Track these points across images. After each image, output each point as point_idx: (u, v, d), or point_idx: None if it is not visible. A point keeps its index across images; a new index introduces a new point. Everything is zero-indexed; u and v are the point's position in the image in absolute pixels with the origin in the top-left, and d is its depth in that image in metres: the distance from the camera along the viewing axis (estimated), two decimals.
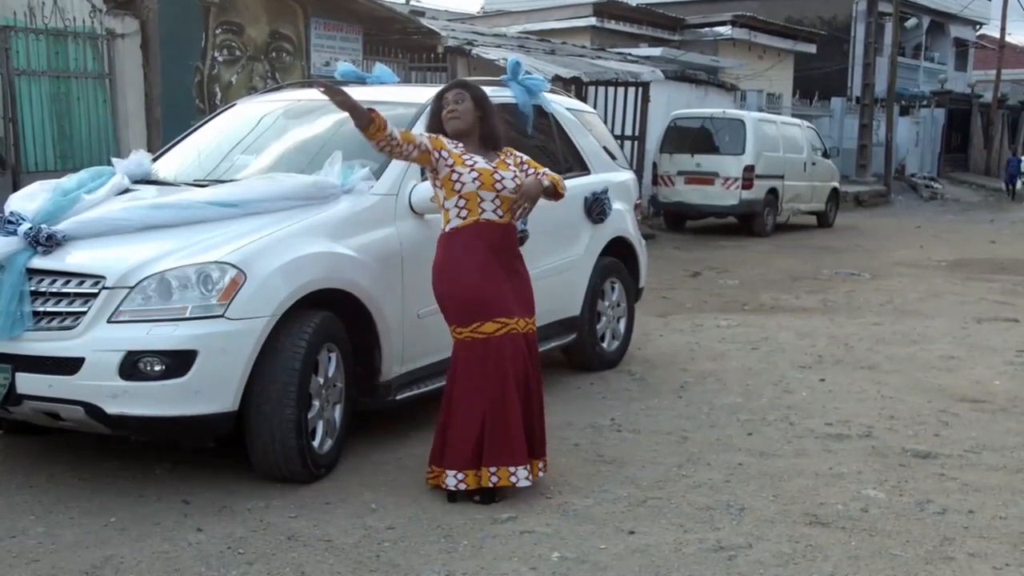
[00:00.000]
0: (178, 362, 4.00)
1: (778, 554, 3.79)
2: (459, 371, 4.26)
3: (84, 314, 4.06)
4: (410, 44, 14.17)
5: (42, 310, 4.12)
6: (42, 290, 4.15)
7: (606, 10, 22.56)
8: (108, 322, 4.04)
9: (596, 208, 6.30)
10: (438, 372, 4.73)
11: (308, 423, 4.37)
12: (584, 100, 12.95)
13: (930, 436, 5.34)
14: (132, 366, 3.99)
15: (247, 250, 4.22)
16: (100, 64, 10.11)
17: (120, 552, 3.72)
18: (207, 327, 4.04)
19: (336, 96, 4.15)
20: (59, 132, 9.73)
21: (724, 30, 24.61)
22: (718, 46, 24.43)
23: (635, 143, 16.05)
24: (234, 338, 4.08)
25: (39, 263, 4.19)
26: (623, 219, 6.75)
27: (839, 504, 4.31)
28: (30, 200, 4.57)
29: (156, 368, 3.99)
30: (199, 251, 4.20)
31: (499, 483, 4.19)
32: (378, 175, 4.90)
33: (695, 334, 8.03)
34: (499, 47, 15.85)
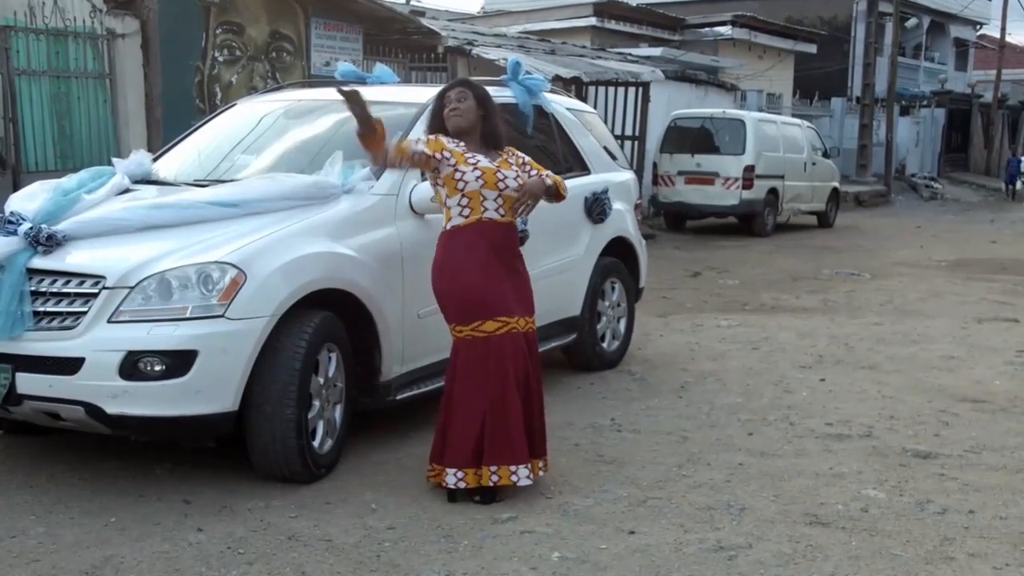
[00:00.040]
0: (178, 362, 4.00)
1: (778, 554, 3.79)
2: (459, 369, 4.25)
3: (84, 314, 4.06)
4: (410, 44, 14.17)
5: (42, 310, 4.12)
6: (42, 290, 4.15)
7: (606, 10, 22.57)
8: (108, 322, 4.04)
9: (596, 208, 6.30)
10: (438, 372, 4.73)
11: (308, 423, 4.37)
12: (584, 100, 12.95)
13: (930, 436, 5.34)
14: (132, 366, 3.99)
15: (247, 250, 4.23)
16: (100, 64, 10.11)
17: (120, 552, 3.72)
18: (207, 327, 4.04)
19: (353, 101, 4.11)
20: (59, 132, 9.72)
21: (724, 30, 24.62)
22: (718, 46, 24.43)
23: (635, 143, 16.05)
24: (234, 338, 4.08)
25: (39, 263, 4.19)
26: (623, 219, 6.75)
27: (839, 504, 4.31)
28: (30, 200, 4.57)
29: (156, 368, 3.99)
30: (199, 251, 4.19)
31: (500, 482, 4.18)
32: (378, 175, 4.89)
33: (695, 334, 8.03)
34: (499, 47, 15.86)
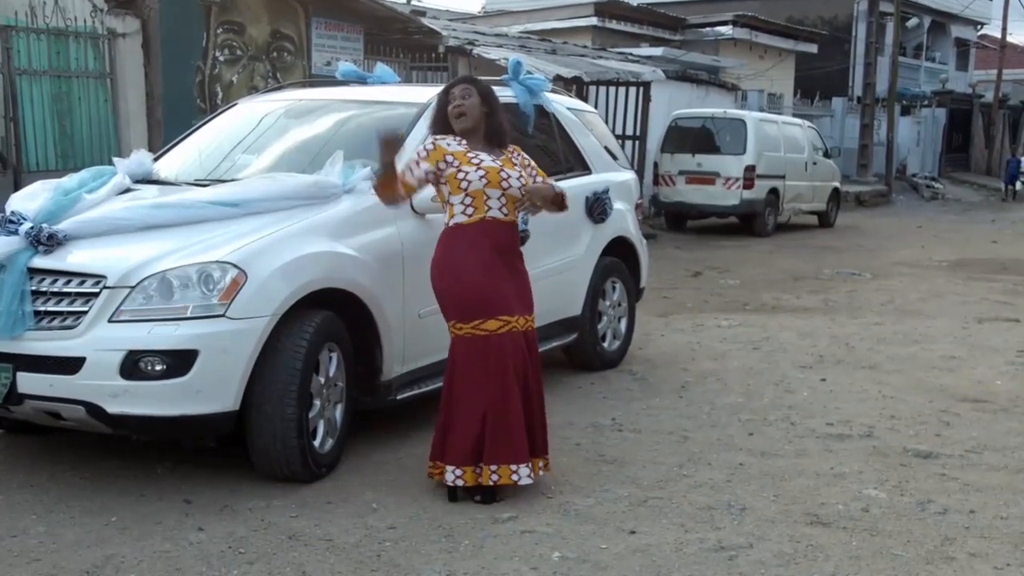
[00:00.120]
0: (179, 362, 4.00)
1: (779, 554, 3.79)
2: (459, 368, 4.25)
3: (85, 314, 4.06)
4: (411, 44, 14.17)
5: (43, 309, 4.12)
6: (43, 289, 4.15)
7: (607, 10, 22.58)
8: (109, 321, 4.04)
9: (597, 208, 6.30)
10: (439, 372, 4.72)
11: (309, 423, 4.37)
12: (585, 100, 12.95)
13: (931, 436, 5.34)
14: (133, 365, 3.99)
15: (248, 250, 4.22)
16: (101, 64, 10.11)
17: (121, 551, 3.72)
18: (208, 327, 4.04)
19: (389, 149, 4.13)
20: (60, 132, 9.73)
21: (725, 30, 24.62)
22: (719, 46, 24.44)
23: (636, 143, 16.06)
24: (235, 338, 4.08)
25: (40, 262, 4.18)
26: (624, 219, 6.74)
27: (840, 504, 4.31)
28: (31, 199, 4.57)
29: (157, 368, 3.99)
30: (200, 251, 4.19)
31: (500, 481, 4.18)
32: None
33: (696, 334, 8.03)
34: (500, 47, 15.86)
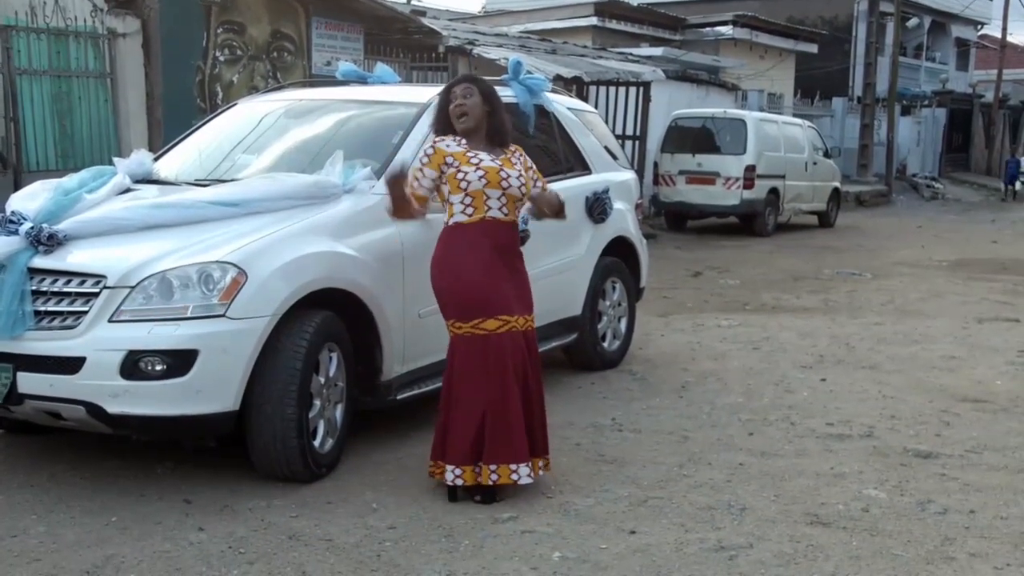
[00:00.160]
0: (179, 362, 4.00)
1: (779, 554, 3.79)
2: (458, 367, 4.25)
3: (85, 313, 4.06)
4: (411, 44, 14.17)
5: (43, 309, 4.12)
6: (43, 289, 4.14)
7: (607, 10, 22.58)
8: (109, 321, 4.04)
9: (597, 208, 6.30)
10: (439, 372, 4.71)
11: (309, 423, 4.37)
12: (585, 100, 12.95)
13: (931, 436, 5.34)
14: (133, 365, 3.99)
15: (248, 250, 4.22)
16: (101, 63, 10.11)
17: (121, 551, 3.72)
18: (208, 327, 4.04)
19: (395, 185, 4.24)
20: (60, 131, 9.73)
21: (725, 30, 24.63)
22: (719, 46, 24.44)
23: (636, 143, 16.06)
24: (235, 338, 4.08)
25: (40, 262, 4.18)
26: (624, 219, 6.74)
27: (840, 504, 4.31)
28: (31, 199, 4.56)
29: (157, 368, 3.99)
30: (200, 251, 4.19)
31: (499, 481, 4.18)
32: (379, 175, 4.88)
33: (696, 334, 8.03)
34: (500, 47, 15.86)
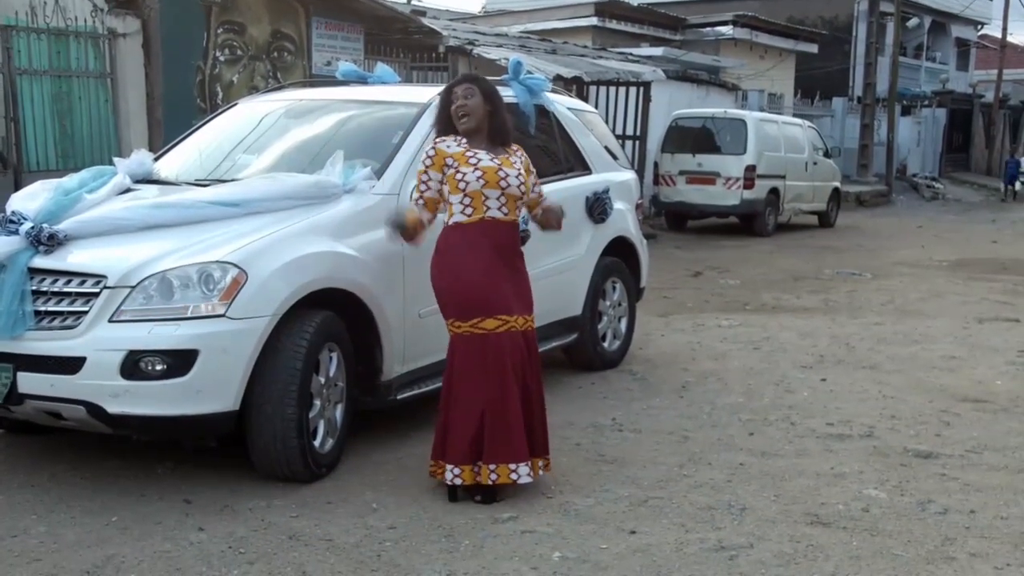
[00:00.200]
0: (179, 362, 4.00)
1: (779, 554, 3.79)
2: (457, 366, 4.26)
3: (85, 313, 4.06)
4: (411, 44, 14.17)
5: (44, 309, 4.12)
6: (43, 289, 4.15)
7: (607, 10, 22.59)
8: (109, 321, 4.04)
9: (597, 208, 6.30)
10: (439, 372, 4.72)
11: (309, 423, 4.37)
12: (585, 100, 12.95)
13: (931, 436, 5.34)
14: (133, 365, 3.99)
15: (248, 250, 4.22)
16: (102, 63, 10.11)
17: (122, 551, 3.72)
18: (208, 327, 4.04)
19: (400, 228, 4.31)
20: (61, 131, 9.72)
21: (726, 30, 24.63)
22: (719, 46, 24.44)
23: (636, 143, 16.06)
24: (235, 337, 4.08)
25: (41, 262, 4.18)
26: (624, 219, 6.74)
27: (840, 504, 4.31)
28: (32, 199, 4.56)
29: (157, 367, 3.99)
30: (200, 250, 4.19)
31: (499, 480, 4.18)
32: (379, 175, 4.89)
33: (696, 334, 8.03)
34: (500, 47, 15.87)
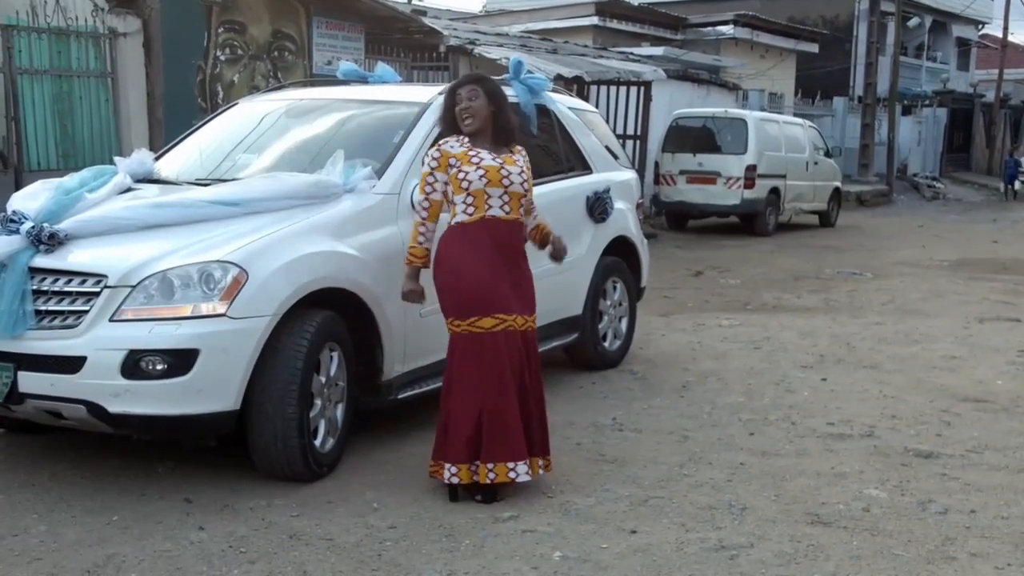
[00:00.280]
0: (180, 361, 4.00)
1: (780, 554, 3.79)
2: (455, 366, 4.26)
3: (86, 313, 4.06)
4: (412, 43, 14.18)
5: (44, 309, 4.12)
6: (44, 289, 4.15)
7: (608, 9, 22.60)
8: (110, 321, 4.04)
9: (598, 207, 6.30)
10: (440, 371, 4.72)
11: (310, 422, 4.37)
12: (586, 99, 12.94)
13: (932, 436, 5.34)
14: (134, 365, 3.99)
15: (249, 249, 4.23)
16: (102, 63, 10.12)
17: (122, 551, 3.72)
18: (209, 326, 4.04)
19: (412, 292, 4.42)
20: (61, 131, 9.73)
21: (726, 29, 24.64)
22: (720, 45, 24.45)
23: (637, 142, 16.05)
24: (236, 337, 4.08)
25: (41, 262, 4.18)
26: (625, 218, 6.74)
27: (841, 504, 4.31)
28: (32, 199, 4.56)
29: (158, 367, 3.99)
30: (201, 250, 4.20)
31: (497, 479, 4.18)
32: (380, 174, 4.89)
33: (697, 333, 8.03)
34: (501, 46, 15.87)
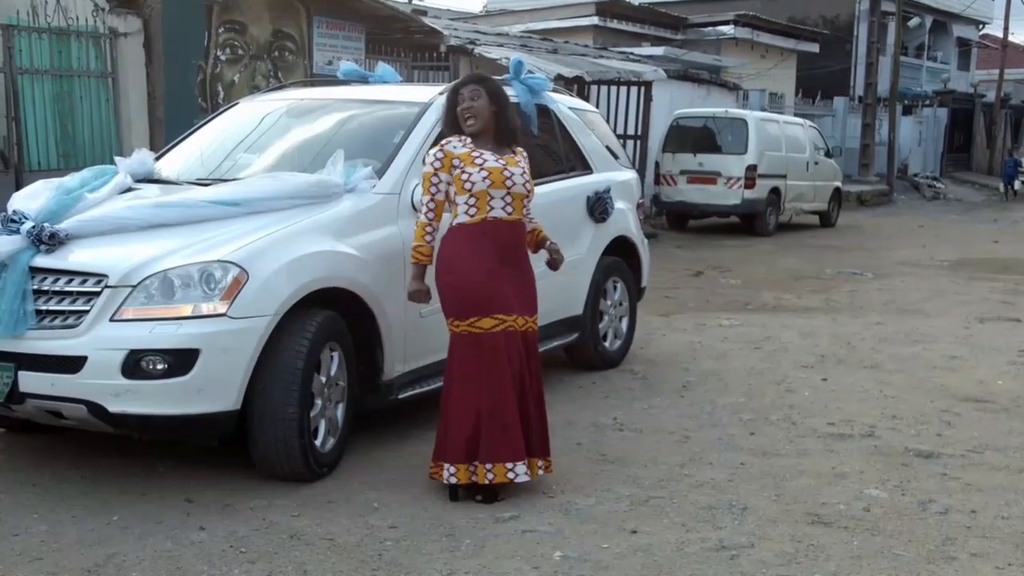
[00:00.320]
0: (180, 361, 4.00)
1: (780, 553, 3.79)
2: (455, 365, 4.27)
3: (87, 313, 4.06)
4: (412, 43, 14.18)
5: (45, 308, 4.12)
6: (45, 288, 4.15)
7: (609, 9, 22.60)
8: (111, 321, 4.04)
9: (599, 207, 6.30)
10: (440, 371, 4.72)
11: (310, 422, 4.37)
12: (587, 99, 12.94)
13: (933, 436, 5.34)
14: (135, 365, 3.99)
15: (250, 249, 4.23)
16: (103, 63, 10.12)
17: (123, 550, 3.72)
18: (209, 326, 4.04)
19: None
20: (62, 131, 9.73)
21: (727, 29, 24.64)
22: (721, 45, 24.45)
23: (638, 142, 16.04)
24: (237, 337, 4.08)
25: (42, 262, 4.18)
26: (625, 218, 6.74)
27: (841, 504, 4.31)
28: (33, 199, 4.56)
29: (159, 367, 3.99)
30: (202, 250, 4.20)
31: (495, 480, 4.18)
32: (380, 174, 4.89)
33: (697, 333, 8.03)
34: (501, 46, 15.88)
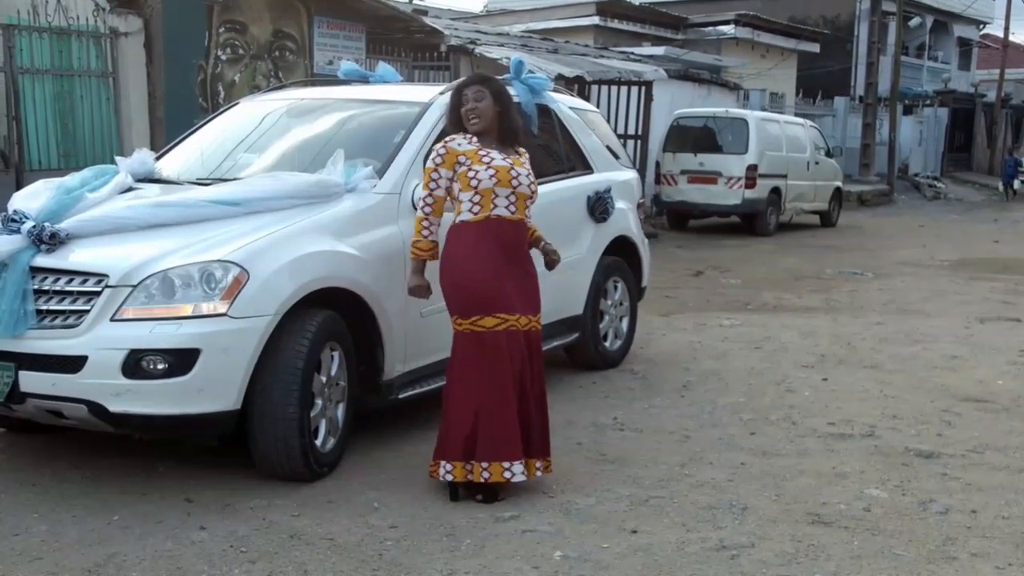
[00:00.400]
0: (181, 360, 4.00)
1: (781, 553, 3.79)
2: (457, 363, 4.27)
3: (87, 312, 4.06)
4: (413, 43, 14.18)
5: (45, 308, 4.12)
6: (45, 288, 4.15)
7: (609, 9, 22.61)
8: (111, 320, 4.04)
9: (599, 207, 6.30)
10: (441, 371, 4.72)
11: (311, 422, 4.37)
12: (587, 99, 12.94)
13: (933, 436, 5.34)
14: (135, 364, 3.99)
15: (250, 248, 4.23)
16: (103, 62, 10.12)
17: (123, 550, 3.72)
18: (210, 326, 4.04)
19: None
20: (62, 130, 9.74)
21: (727, 29, 24.65)
22: (721, 45, 24.45)
23: (638, 142, 16.05)
24: (237, 337, 4.08)
25: (42, 261, 4.18)
26: (626, 218, 6.74)
27: (842, 504, 4.31)
28: (33, 198, 4.56)
29: (159, 366, 3.99)
30: (202, 249, 4.20)
31: (491, 479, 4.17)
32: (381, 174, 4.89)
33: (698, 333, 8.03)
34: (502, 46, 15.88)
